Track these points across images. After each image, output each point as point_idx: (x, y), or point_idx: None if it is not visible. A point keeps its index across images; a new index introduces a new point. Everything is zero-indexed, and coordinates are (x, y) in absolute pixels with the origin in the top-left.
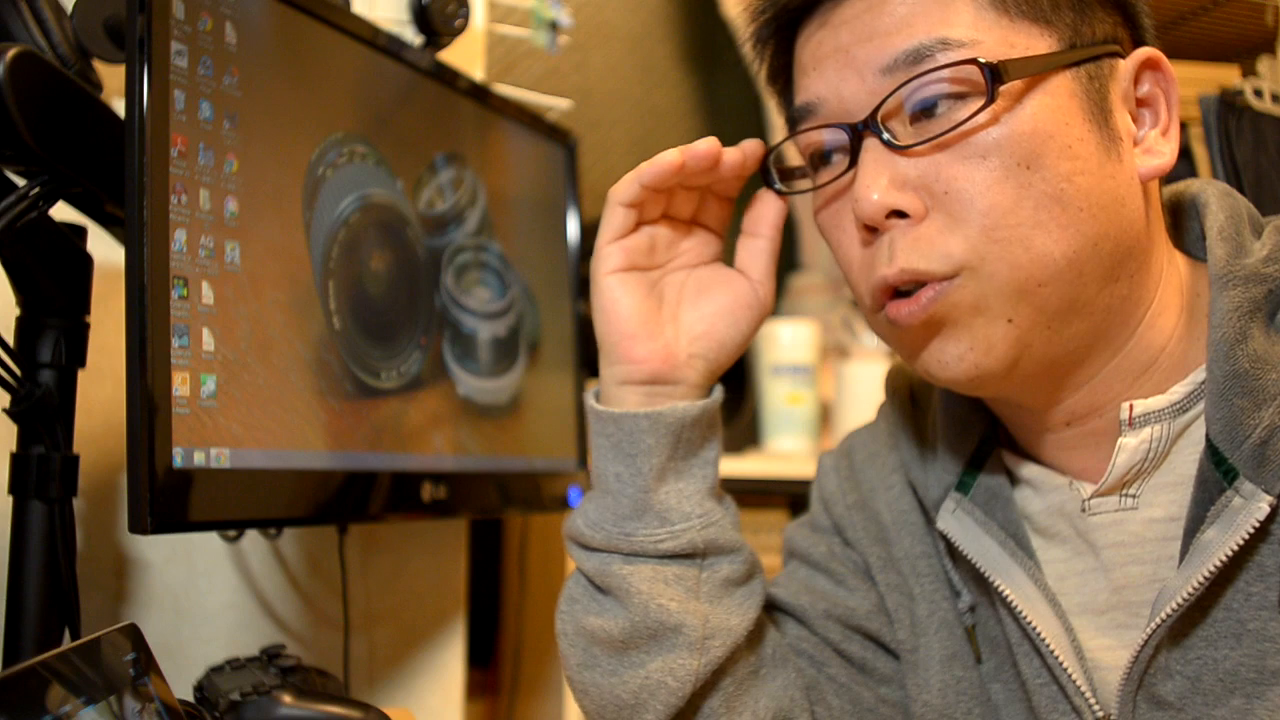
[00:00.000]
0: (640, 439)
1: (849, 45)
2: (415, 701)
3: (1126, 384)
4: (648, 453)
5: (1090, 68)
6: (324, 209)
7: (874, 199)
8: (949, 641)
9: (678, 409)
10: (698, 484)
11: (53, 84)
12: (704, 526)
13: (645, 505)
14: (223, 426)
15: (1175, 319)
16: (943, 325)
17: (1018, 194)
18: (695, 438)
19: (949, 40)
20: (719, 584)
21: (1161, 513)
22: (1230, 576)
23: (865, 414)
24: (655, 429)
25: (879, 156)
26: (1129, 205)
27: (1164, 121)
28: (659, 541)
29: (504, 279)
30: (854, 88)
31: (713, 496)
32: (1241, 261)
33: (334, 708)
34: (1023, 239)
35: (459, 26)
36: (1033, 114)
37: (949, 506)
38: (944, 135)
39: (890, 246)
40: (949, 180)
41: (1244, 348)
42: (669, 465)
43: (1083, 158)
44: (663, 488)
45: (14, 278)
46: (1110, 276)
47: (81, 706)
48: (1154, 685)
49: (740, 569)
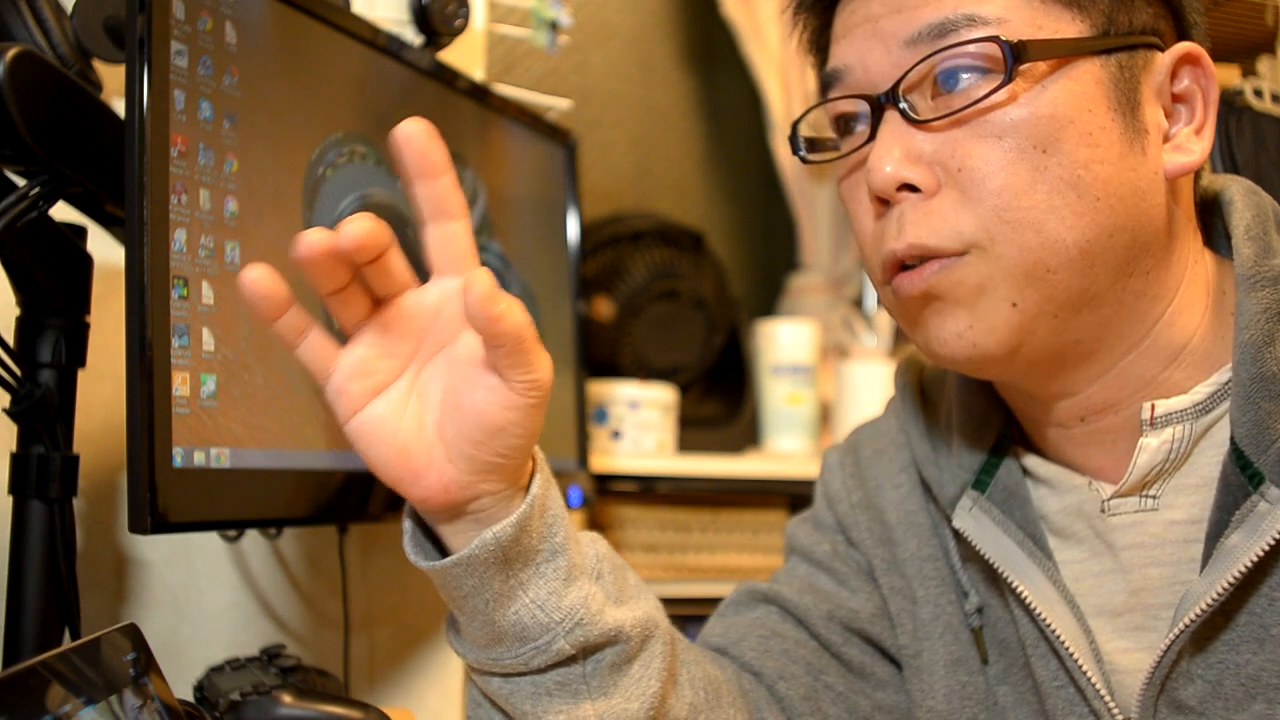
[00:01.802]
0: (460, 585)
1: (879, 15)
2: (415, 701)
3: (1143, 381)
4: (475, 593)
5: (1122, 57)
6: (324, 209)
7: (886, 171)
8: (954, 646)
9: (487, 542)
10: (550, 584)
11: (53, 84)
12: (570, 629)
13: (498, 634)
14: (223, 426)
15: (1199, 317)
16: (941, 300)
17: (1032, 176)
18: (529, 543)
19: (976, 17)
20: (607, 673)
21: (1182, 514)
22: (1254, 581)
23: (865, 414)
24: (471, 572)
25: (896, 129)
26: (1149, 200)
27: (1199, 119)
28: (527, 660)
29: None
30: (879, 58)
31: (575, 583)
32: (1270, 262)
33: (334, 708)
34: (1035, 222)
35: (459, 26)
36: (1053, 98)
37: (965, 504)
38: (962, 111)
39: (899, 220)
40: (963, 157)
41: (1272, 350)
42: (505, 589)
43: (1103, 146)
44: (510, 611)
45: (14, 278)
46: (1124, 270)
47: (81, 706)
48: (1175, 690)
49: (628, 647)
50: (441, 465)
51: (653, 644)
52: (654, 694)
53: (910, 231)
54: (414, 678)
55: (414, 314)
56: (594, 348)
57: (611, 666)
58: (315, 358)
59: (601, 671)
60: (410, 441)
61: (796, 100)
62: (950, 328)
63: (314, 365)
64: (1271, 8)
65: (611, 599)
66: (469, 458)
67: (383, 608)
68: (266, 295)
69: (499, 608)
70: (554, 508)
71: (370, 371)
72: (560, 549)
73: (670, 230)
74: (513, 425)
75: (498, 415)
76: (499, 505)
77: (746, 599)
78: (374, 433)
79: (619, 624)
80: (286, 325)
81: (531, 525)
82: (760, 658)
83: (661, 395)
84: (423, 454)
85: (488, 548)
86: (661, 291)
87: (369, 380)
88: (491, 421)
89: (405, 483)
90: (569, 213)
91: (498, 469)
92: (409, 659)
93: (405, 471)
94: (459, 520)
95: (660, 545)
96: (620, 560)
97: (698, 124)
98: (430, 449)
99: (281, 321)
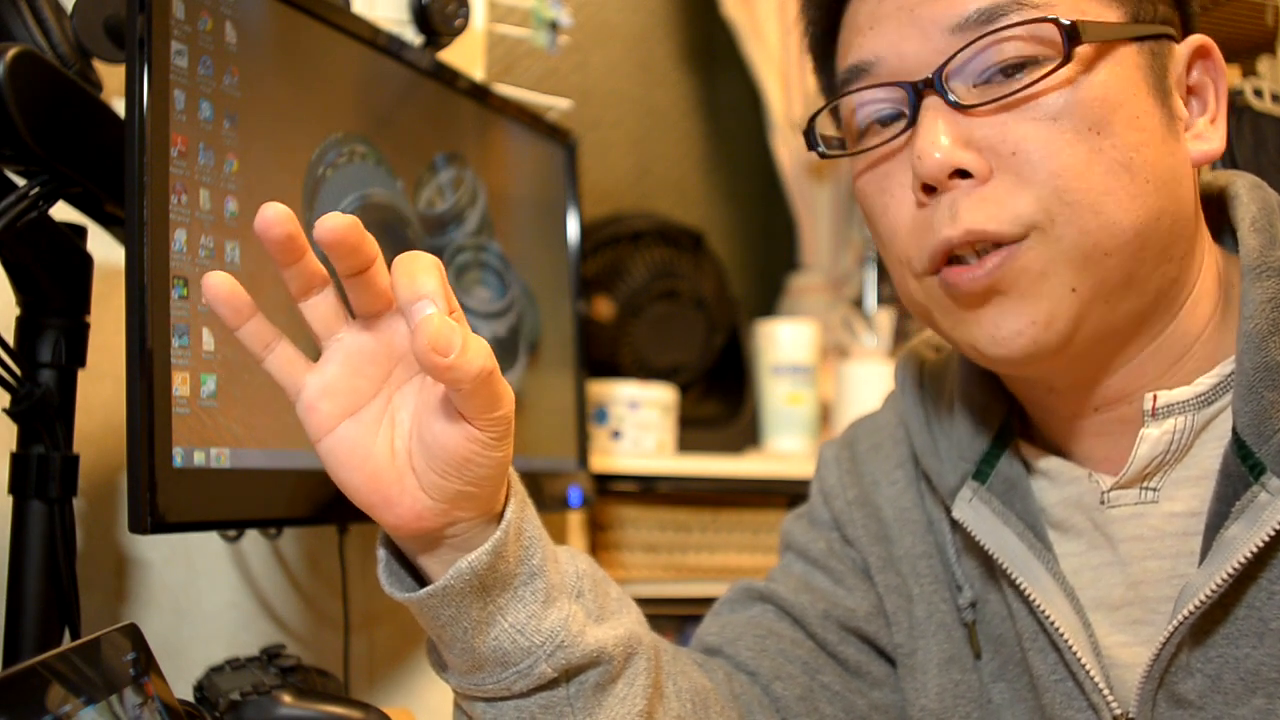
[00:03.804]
0: (437, 615)
1: (913, 5)
2: (415, 701)
3: (1160, 370)
4: (453, 621)
5: (1153, 45)
6: (324, 209)
7: (937, 157)
8: (947, 644)
9: (462, 571)
10: (528, 607)
11: (53, 84)
12: (551, 652)
13: (479, 661)
14: (223, 426)
15: (1212, 308)
16: (1005, 294)
17: (1089, 157)
18: (506, 568)
19: (1025, 1)
20: (591, 694)
21: (1182, 507)
22: (1253, 574)
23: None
24: (448, 602)
25: (942, 114)
26: (1185, 185)
27: (1212, 110)
28: (509, 685)
29: (504, 279)
30: (916, 46)
31: (555, 604)
32: (1275, 253)
33: (334, 708)
34: (1093, 204)
35: (459, 26)
36: (1105, 80)
37: (965, 495)
38: (1015, 95)
39: (953, 206)
40: (1017, 141)
41: (1277, 340)
42: (483, 615)
43: (1148, 130)
44: (489, 637)
45: (14, 278)
46: (1165, 255)
47: (81, 706)
48: (1174, 683)
49: (611, 667)
50: (414, 493)
51: (636, 661)
52: (639, 712)
53: (967, 217)
54: (414, 678)
55: (390, 336)
56: (594, 348)
57: (595, 687)
58: (283, 371)
59: (585, 693)
60: (382, 467)
61: (796, 100)
62: (1010, 324)
63: (282, 379)
64: (1271, 8)
65: (593, 617)
66: (439, 487)
67: (383, 608)
68: (226, 300)
69: (478, 635)
70: (530, 530)
71: (341, 390)
72: (538, 571)
73: (670, 230)
74: (477, 457)
75: (462, 448)
76: (474, 531)
77: (742, 597)
78: (345, 455)
79: (601, 644)
80: (250, 334)
81: (507, 550)
82: (756, 657)
83: (661, 395)
84: (395, 481)
85: (463, 577)
86: (661, 291)
87: (340, 399)
88: (456, 454)
89: (378, 509)
90: (569, 213)
91: (469, 497)
92: (409, 659)
93: (377, 497)
94: (434, 548)
95: (660, 545)
96: (602, 574)
97: (698, 124)
98: (402, 476)
99: (245, 329)
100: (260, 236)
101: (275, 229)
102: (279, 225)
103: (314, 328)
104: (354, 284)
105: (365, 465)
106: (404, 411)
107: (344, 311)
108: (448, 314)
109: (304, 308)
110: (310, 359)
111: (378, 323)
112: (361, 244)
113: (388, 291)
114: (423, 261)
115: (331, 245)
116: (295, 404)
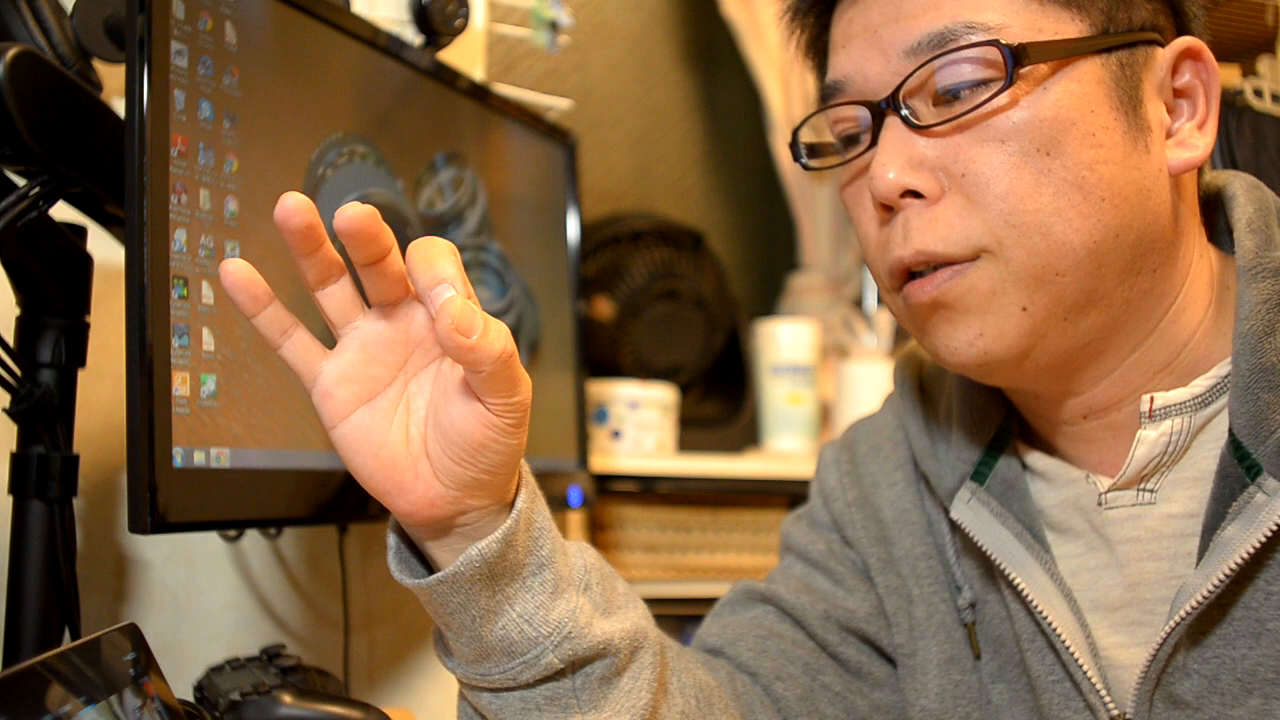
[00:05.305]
0: (445, 602)
1: (878, 25)
2: (415, 701)
3: (1148, 377)
4: (461, 609)
5: (1123, 55)
6: (324, 209)
7: (889, 178)
8: (947, 645)
9: (473, 559)
10: (536, 597)
11: (53, 84)
12: (558, 643)
13: (486, 650)
14: (223, 426)
15: (1202, 313)
16: (951, 308)
17: (1036, 180)
18: (515, 558)
19: (975, 24)
20: (596, 686)
21: (1179, 508)
22: (1250, 574)
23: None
24: (457, 589)
25: (899, 135)
26: (1154, 198)
27: (1201, 114)
28: (515, 675)
29: (504, 279)
30: (878, 67)
31: (562, 595)
32: (1271, 254)
33: (334, 708)
34: (1041, 225)
35: (459, 26)
36: (1055, 100)
37: (963, 496)
38: (964, 116)
39: (905, 227)
40: (967, 162)
41: (1272, 341)
42: (491, 604)
43: (1107, 146)
44: (497, 626)
45: (14, 278)
46: (1131, 269)
47: (81, 706)
48: (1171, 684)
49: (618, 660)
50: (428, 479)
51: (642, 655)
52: (644, 706)
53: (917, 238)
54: (414, 678)
55: (406, 324)
56: (594, 348)
57: (601, 680)
58: (300, 359)
59: (591, 685)
60: (397, 454)
61: (796, 101)
62: (961, 336)
63: (299, 366)
64: (1271, 8)
65: (600, 610)
66: (453, 474)
67: (383, 608)
68: (245, 287)
69: (485, 623)
70: (540, 521)
71: (357, 378)
72: (547, 562)
73: (670, 230)
74: (493, 443)
75: (478, 433)
76: (485, 520)
77: (743, 598)
78: (360, 441)
79: (608, 636)
80: (268, 321)
81: (517, 540)
82: (757, 658)
83: (661, 395)
84: (409, 467)
85: (473, 564)
86: (661, 291)
87: (355, 387)
88: (472, 439)
89: (390, 495)
90: (569, 213)
91: (483, 485)
92: (409, 659)
93: (391, 484)
94: (445, 536)
95: (660, 545)
96: (609, 569)
97: (698, 124)
98: (416, 462)
99: (262, 316)
100: (280, 226)
101: (295, 218)
102: (299, 215)
103: (330, 316)
104: (370, 273)
105: (380, 452)
106: (420, 399)
107: (360, 300)
108: (466, 298)
109: (320, 296)
110: None
111: (394, 311)
112: (380, 233)
113: (404, 279)
114: (439, 246)
115: (351, 235)
116: (311, 391)
